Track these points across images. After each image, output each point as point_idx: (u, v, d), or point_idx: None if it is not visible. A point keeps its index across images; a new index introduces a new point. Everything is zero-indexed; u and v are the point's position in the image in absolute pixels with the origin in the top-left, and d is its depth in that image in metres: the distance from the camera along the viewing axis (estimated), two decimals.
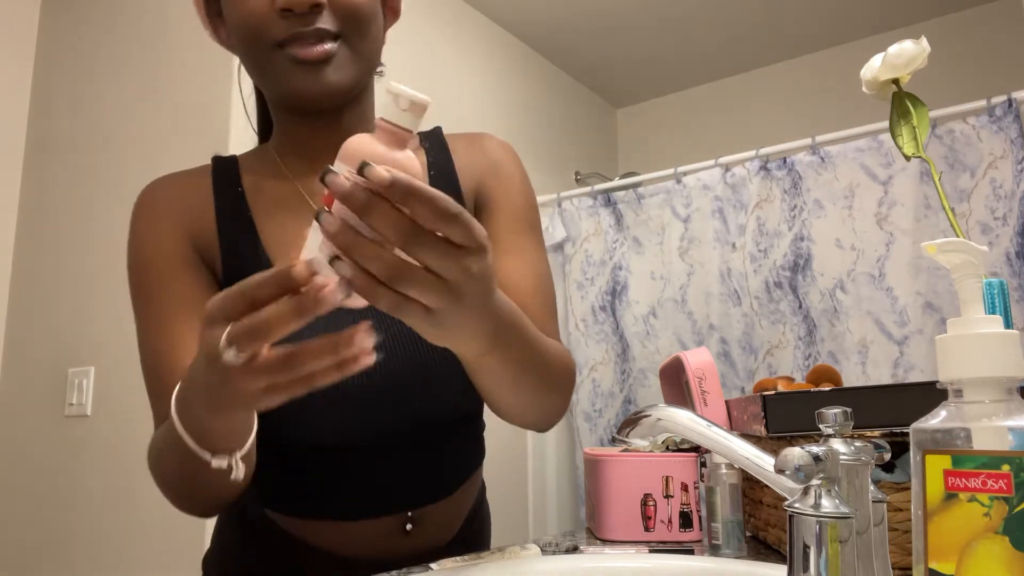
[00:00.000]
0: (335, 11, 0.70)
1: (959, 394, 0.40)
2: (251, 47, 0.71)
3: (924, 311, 1.76)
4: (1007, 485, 0.36)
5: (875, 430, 0.69)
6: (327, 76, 0.70)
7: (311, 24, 0.68)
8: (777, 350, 1.94)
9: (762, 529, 0.89)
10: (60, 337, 1.81)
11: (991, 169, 1.72)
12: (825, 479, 0.42)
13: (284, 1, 0.67)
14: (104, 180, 1.82)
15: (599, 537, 0.99)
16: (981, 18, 2.43)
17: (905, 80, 0.77)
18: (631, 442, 0.58)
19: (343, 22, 0.70)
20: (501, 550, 0.76)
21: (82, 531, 1.67)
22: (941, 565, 0.38)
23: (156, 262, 0.75)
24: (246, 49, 0.72)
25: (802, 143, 1.98)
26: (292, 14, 0.68)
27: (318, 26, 0.68)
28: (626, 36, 2.62)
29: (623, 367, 2.24)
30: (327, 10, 0.70)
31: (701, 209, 2.12)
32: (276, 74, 0.71)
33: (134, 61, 1.84)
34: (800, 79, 2.74)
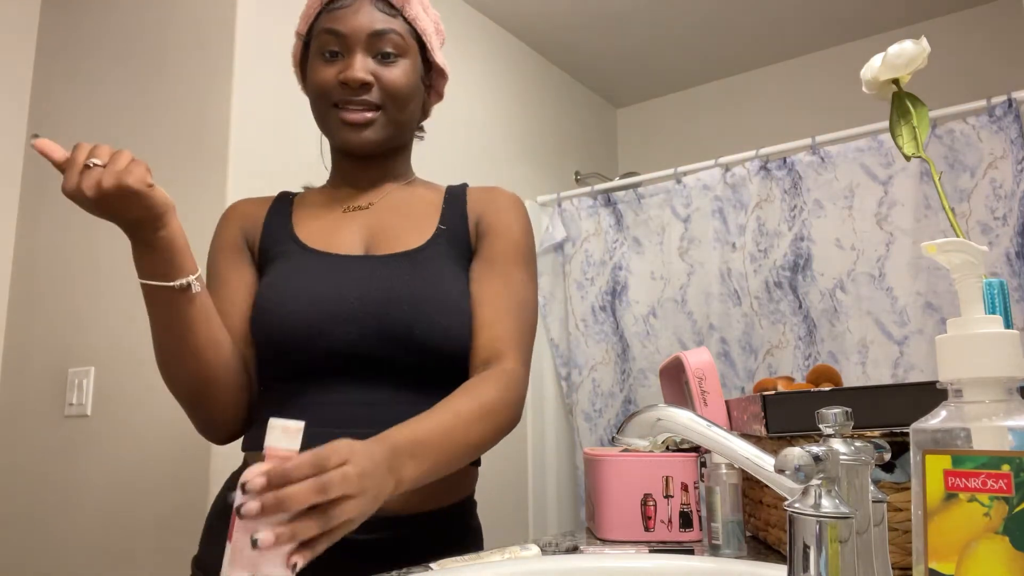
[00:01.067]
0: (381, 88, 0.95)
1: (959, 394, 0.40)
2: (317, 104, 0.97)
3: (924, 311, 1.76)
4: (1007, 485, 0.36)
5: (875, 430, 0.69)
6: (365, 135, 0.95)
7: (359, 95, 0.94)
8: (777, 350, 1.94)
9: (762, 529, 0.89)
10: (60, 337, 1.81)
11: (991, 169, 1.72)
12: (825, 479, 0.42)
13: (343, 77, 0.93)
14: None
15: (599, 537, 0.99)
16: (981, 18, 2.43)
17: (905, 80, 0.77)
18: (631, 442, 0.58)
19: (385, 97, 0.95)
20: (501, 550, 0.76)
21: (82, 531, 1.67)
22: (941, 565, 0.37)
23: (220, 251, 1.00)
24: (314, 103, 0.97)
25: (802, 143, 1.98)
26: (348, 87, 0.93)
27: (364, 98, 0.94)
28: (626, 36, 2.62)
29: (623, 367, 2.23)
30: (376, 88, 0.94)
31: (701, 209, 2.12)
32: (330, 127, 0.96)
33: (134, 61, 1.84)
34: (800, 79, 2.74)
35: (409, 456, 0.71)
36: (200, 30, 1.72)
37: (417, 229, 0.96)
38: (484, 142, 2.34)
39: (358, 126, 0.94)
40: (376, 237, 0.96)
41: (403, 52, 0.96)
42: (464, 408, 0.79)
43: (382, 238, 0.96)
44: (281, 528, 0.56)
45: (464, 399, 0.81)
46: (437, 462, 0.74)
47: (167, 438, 1.56)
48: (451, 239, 0.96)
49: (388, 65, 0.95)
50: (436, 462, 0.74)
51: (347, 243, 0.95)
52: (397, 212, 0.99)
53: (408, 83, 0.96)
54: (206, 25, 1.71)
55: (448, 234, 0.96)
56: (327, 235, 0.96)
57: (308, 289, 0.89)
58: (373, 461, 0.65)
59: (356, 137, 0.94)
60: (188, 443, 1.54)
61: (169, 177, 1.69)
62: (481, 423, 0.80)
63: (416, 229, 0.96)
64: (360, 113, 0.94)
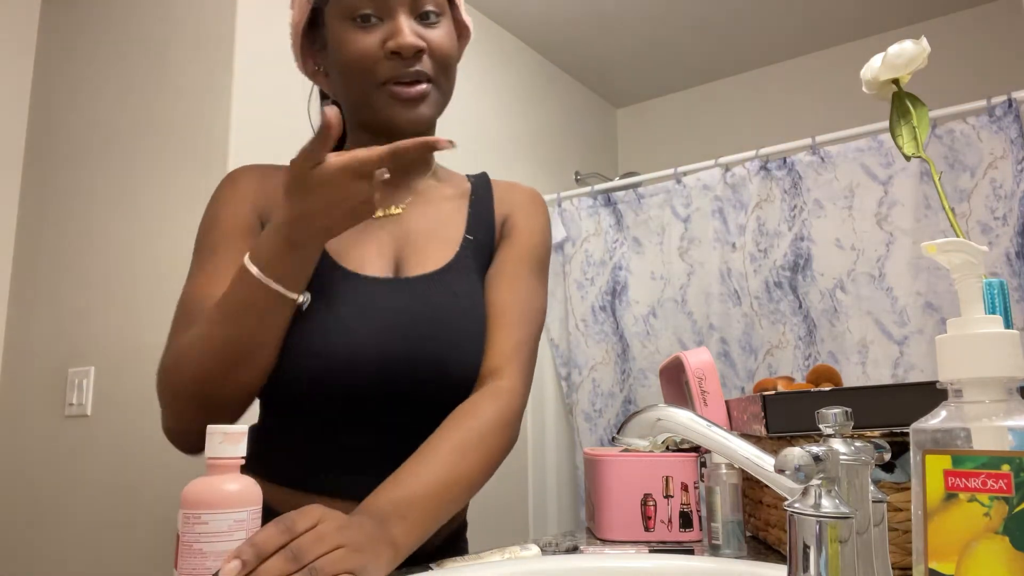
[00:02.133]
0: (431, 57, 0.83)
1: (959, 394, 0.40)
2: (357, 82, 0.83)
3: (924, 311, 1.76)
4: (1007, 485, 0.36)
5: (875, 430, 0.69)
6: (421, 111, 0.83)
7: (412, 67, 0.81)
8: (777, 350, 1.94)
9: (762, 529, 0.89)
10: (60, 337, 1.81)
11: (991, 169, 1.72)
12: (825, 479, 0.42)
13: (395, 45, 0.80)
14: (104, 179, 1.82)
15: (599, 537, 0.99)
16: (981, 18, 2.43)
17: (905, 80, 0.77)
18: (631, 442, 0.58)
19: (436, 68, 0.84)
20: (501, 550, 0.76)
21: (82, 531, 1.67)
22: (941, 565, 0.37)
23: (224, 222, 0.86)
24: (351, 83, 0.84)
25: (802, 143, 1.98)
26: (399, 57, 0.81)
27: (418, 69, 0.82)
28: (626, 36, 2.62)
29: (623, 367, 2.23)
30: (426, 55, 0.83)
31: (701, 209, 2.12)
32: (377, 106, 0.83)
33: (134, 61, 1.84)
34: (800, 79, 2.74)
35: (398, 518, 0.66)
36: (200, 30, 1.72)
37: (445, 240, 0.90)
38: (484, 142, 2.34)
39: (411, 103, 0.82)
40: (405, 251, 0.88)
41: (443, 11, 0.86)
42: (453, 442, 0.75)
43: (411, 252, 0.88)
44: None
45: (451, 432, 0.76)
46: (432, 513, 0.69)
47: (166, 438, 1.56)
48: (477, 250, 0.91)
49: (432, 27, 0.84)
50: (431, 514, 0.69)
51: (377, 260, 0.87)
52: (425, 217, 0.91)
53: (453, 47, 0.87)
54: (206, 25, 1.71)
55: (475, 244, 0.91)
56: (357, 245, 0.87)
57: (339, 328, 0.80)
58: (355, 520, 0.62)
59: (412, 115, 0.83)
60: None
61: (169, 177, 1.69)
62: (475, 452, 0.75)
63: (444, 240, 0.90)
64: (414, 87, 0.82)
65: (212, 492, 0.54)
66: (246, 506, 0.55)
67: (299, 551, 0.55)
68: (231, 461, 0.56)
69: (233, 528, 0.54)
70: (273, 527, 0.56)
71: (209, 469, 0.56)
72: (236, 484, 0.55)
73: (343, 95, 0.87)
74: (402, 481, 0.70)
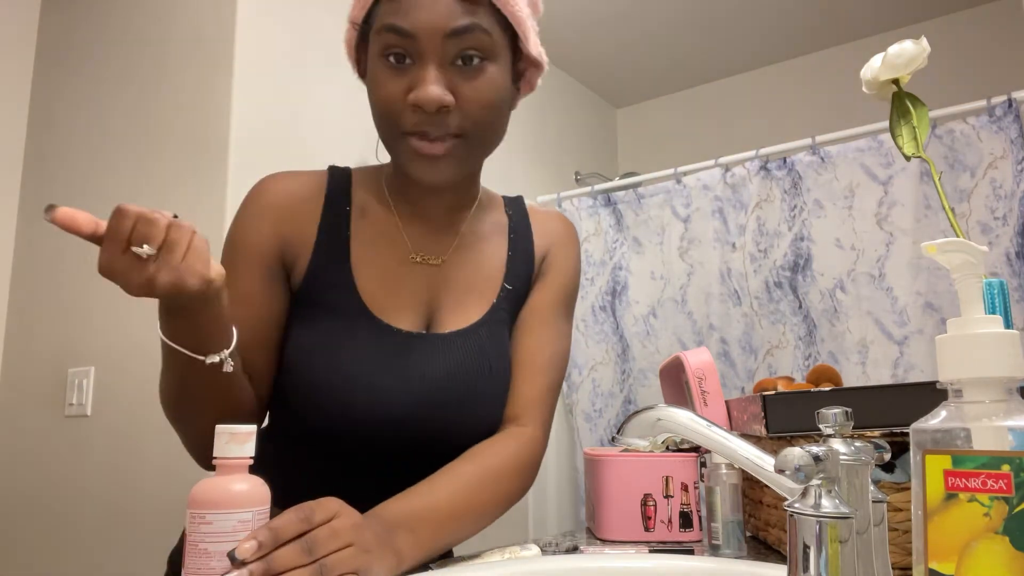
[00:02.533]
0: (463, 111, 0.74)
1: (959, 394, 0.40)
2: (383, 126, 0.77)
3: (924, 311, 1.76)
4: (1007, 485, 0.36)
5: (875, 430, 0.69)
6: (442, 170, 0.76)
7: (435, 123, 0.73)
8: (777, 350, 1.94)
9: (762, 529, 0.89)
10: (60, 337, 1.81)
11: (991, 169, 1.72)
12: (825, 479, 0.42)
13: (415, 99, 0.72)
14: (104, 180, 1.82)
15: (599, 537, 0.99)
16: (981, 18, 2.43)
17: (905, 80, 0.77)
18: (631, 442, 0.58)
19: (469, 123, 0.75)
20: (501, 550, 0.76)
21: (82, 530, 1.67)
22: (941, 565, 0.37)
23: (243, 249, 0.82)
24: (378, 124, 0.78)
25: (802, 143, 1.98)
26: (421, 111, 0.73)
27: (442, 124, 0.74)
28: (626, 36, 2.62)
29: (623, 367, 2.23)
30: (456, 109, 0.74)
31: (701, 209, 2.12)
32: (399, 155, 0.77)
33: (134, 61, 1.84)
34: (800, 79, 2.74)
35: (407, 530, 0.66)
36: (200, 30, 1.72)
37: (482, 291, 0.86)
38: None
39: (433, 159, 0.75)
40: (441, 303, 0.84)
41: (491, 54, 0.75)
42: (470, 474, 0.75)
43: (447, 305, 0.84)
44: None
45: (471, 465, 0.76)
46: (439, 534, 0.70)
47: (167, 438, 1.56)
48: (514, 300, 0.88)
49: (472, 76, 0.74)
50: (438, 534, 0.70)
51: (409, 312, 0.82)
52: (464, 265, 0.87)
53: (498, 98, 0.76)
54: (206, 25, 1.71)
55: (512, 295, 0.88)
56: (391, 293, 0.82)
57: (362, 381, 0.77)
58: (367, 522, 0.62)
59: (431, 173, 0.76)
60: None
61: (169, 177, 1.69)
62: (490, 489, 0.76)
63: (481, 291, 0.86)
64: (438, 143, 0.74)
65: (217, 492, 0.54)
66: (251, 507, 0.55)
67: (314, 544, 0.56)
68: (237, 461, 0.56)
69: (238, 528, 0.54)
70: (293, 514, 0.57)
71: (217, 469, 0.56)
72: (243, 484, 0.55)
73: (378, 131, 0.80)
74: (417, 497, 0.70)
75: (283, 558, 0.54)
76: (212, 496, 0.54)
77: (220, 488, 0.55)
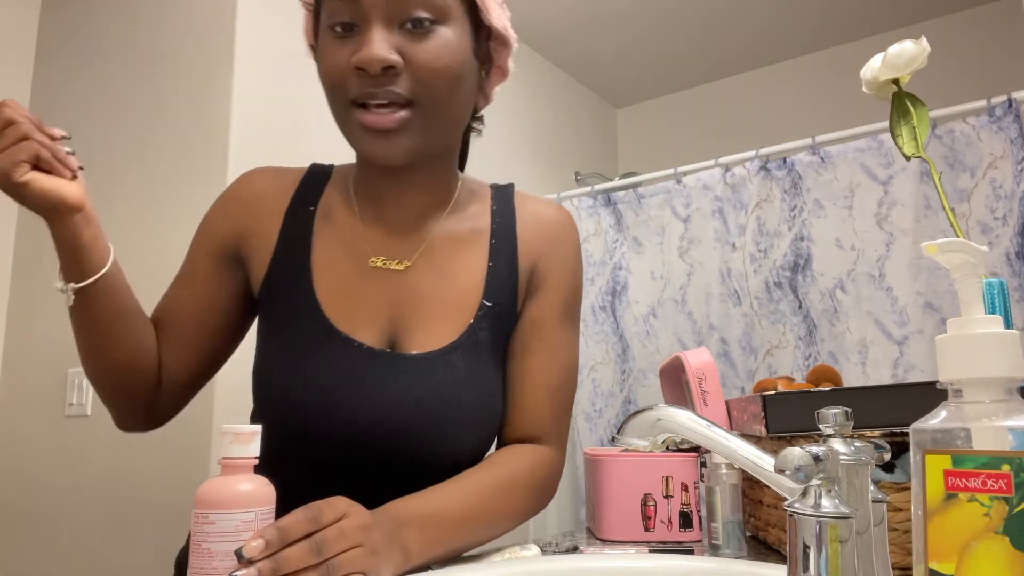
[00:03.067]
0: (413, 74, 0.69)
1: (959, 394, 0.40)
2: (331, 100, 0.73)
3: (924, 311, 1.76)
4: (1007, 485, 0.36)
5: (875, 430, 0.69)
6: (396, 144, 0.71)
7: (383, 86, 0.68)
8: (777, 350, 1.94)
9: (762, 529, 0.89)
10: (60, 337, 1.81)
11: (991, 169, 1.72)
12: (825, 479, 0.42)
13: (357, 59, 0.68)
14: (104, 180, 1.82)
15: (599, 537, 0.99)
16: (981, 18, 2.43)
17: (905, 80, 0.77)
18: (631, 442, 0.58)
19: (420, 87, 0.70)
20: (501, 550, 0.76)
21: (82, 531, 1.67)
22: (941, 565, 0.37)
23: (202, 234, 0.84)
24: (329, 100, 0.74)
25: (802, 143, 1.98)
26: (365, 74, 0.68)
27: (390, 88, 0.69)
28: (626, 36, 2.62)
29: (623, 367, 2.23)
30: (405, 72, 0.69)
31: (701, 209, 2.12)
32: (350, 132, 0.73)
33: (134, 61, 1.84)
34: (800, 79, 2.74)
35: (416, 528, 0.65)
36: (200, 30, 1.72)
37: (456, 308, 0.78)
38: (484, 142, 2.33)
39: (385, 133, 0.70)
40: (406, 320, 0.77)
41: (442, 16, 0.71)
42: (486, 482, 0.73)
43: (413, 323, 0.77)
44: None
45: (488, 473, 0.75)
46: (449, 536, 0.68)
47: (167, 438, 1.56)
48: (495, 318, 0.79)
49: (421, 37, 0.69)
50: (447, 536, 0.68)
51: (370, 326, 0.76)
52: (433, 276, 0.79)
53: (453, 63, 0.71)
54: (206, 25, 1.71)
55: (493, 313, 0.79)
56: (349, 303, 0.77)
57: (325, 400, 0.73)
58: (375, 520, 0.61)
59: (383, 148, 0.71)
60: (188, 443, 1.54)
61: (169, 176, 1.69)
62: (508, 501, 0.74)
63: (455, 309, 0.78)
64: (387, 114, 0.69)
65: (219, 492, 0.54)
66: (254, 506, 0.55)
67: (322, 544, 0.55)
68: (241, 461, 0.56)
69: (240, 528, 0.54)
70: (301, 514, 0.56)
71: (221, 469, 0.56)
72: (247, 484, 0.55)
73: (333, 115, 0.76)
74: (431, 497, 0.69)
75: (291, 558, 0.54)
76: (215, 496, 0.54)
77: (223, 488, 0.55)
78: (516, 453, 0.79)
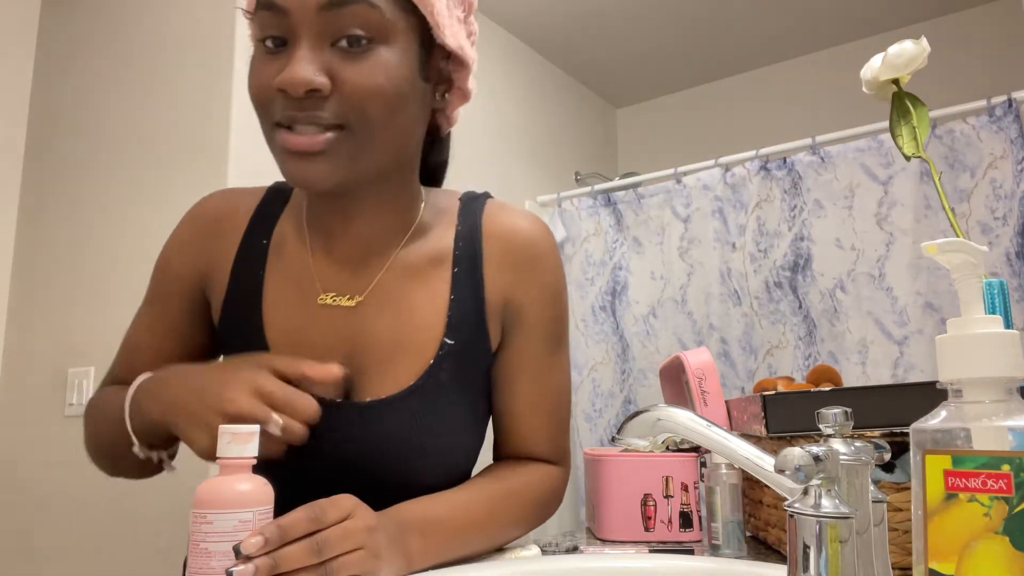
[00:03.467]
0: (343, 97, 0.63)
1: (959, 394, 0.40)
2: (261, 121, 0.68)
3: (924, 311, 1.76)
4: (1007, 485, 0.36)
5: (875, 430, 0.69)
6: (316, 168, 0.64)
7: (306, 110, 0.63)
8: (777, 350, 1.94)
9: (762, 529, 0.89)
10: (60, 337, 1.81)
11: (991, 169, 1.72)
12: (825, 479, 0.42)
13: (279, 81, 0.62)
14: (104, 180, 1.82)
15: (599, 537, 0.99)
16: (981, 18, 2.43)
17: (905, 80, 0.77)
18: (631, 442, 0.58)
19: (351, 111, 0.64)
20: (501, 550, 0.76)
21: (82, 531, 1.67)
22: (941, 565, 0.37)
23: (168, 276, 0.81)
24: (259, 121, 0.68)
25: (802, 143, 1.98)
26: (287, 96, 0.63)
27: (314, 112, 0.63)
28: (626, 36, 2.62)
29: (623, 367, 2.23)
30: (334, 95, 0.63)
31: (701, 209, 2.12)
32: (275, 155, 0.67)
33: (134, 61, 1.84)
34: (800, 79, 2.74)
35: (419, 533, 0.65)
36: (200, 30, 1.72)
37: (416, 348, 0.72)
38: (484, 142, 2.34)
39: (307, 156, 0.64)
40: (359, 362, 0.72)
41: (382, 35, 0.64)
42: (493, 491, 0.74)
43: (367, 365, 0.72)
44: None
45: (495, 482, 0.75)
46: (452, 543, 0.68)
47: None
48: (459, 355, 0.73)
49: (356, 57, 0.64)
50: (450, 543, 0.68)
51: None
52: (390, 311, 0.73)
53: (390, 85, 0.65)
54: (206, 25, 1.71)
55: (456, 350, 0.73)
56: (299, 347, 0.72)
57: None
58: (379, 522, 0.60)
59: (304, 171, 0.64)
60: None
61: (169, 177, 1.70)
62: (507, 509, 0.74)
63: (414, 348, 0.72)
64: (309, 135, 0.63)
65: (217, 492, 0.54)
66: (252, 507, 0.55)
67: (324, 545, 0.54)
68: (240, 461, 0.55)
69: (238, 528, 0.54)
70: (303, 513, 0.55)
71: (220, 470, 0.56)
72: (246, 484, 0.55)
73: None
74: (438, 503, 0.69)
75: (290, 556, 0.53)
76: (212, 496, 0.54)
77: (221, 488, 0.55)
78: (526, 468, 0.79)
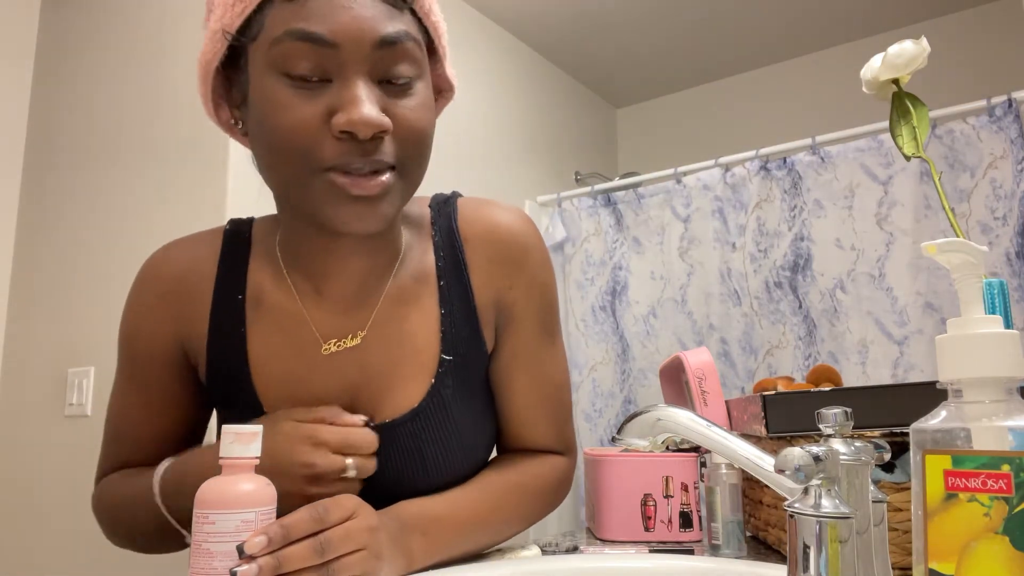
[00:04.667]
0: (397, 138, 0.61)
1: (959, 394, 0.40)
2: (291, 163, 0.60)
3: (924, 311, 1.76)
4: (1007, 485, 0.36)
5: (875, 430, 0.69)
6: (377, 212, 0.61)
7: (370, 154, 0.59)
8: (777, 350, 1.94)
9: (762, 529, 0.89)
10: (60, 337, 1.81)
11: (991, 169, 1.72)
12: (825, 479, 0.42)
13: (346, 122, 0.57)
14: (104, 180, 1.82)
15: (599, 537, 0.99)
16: (981, 18, 2.43)
17: (905, 80, 0.77)
18: (631, 442, 0.58)
19: (403, 151, 0.61)
20: (501, 550, 0.76)
21: (82, 531, 1.67)
22: (941, 565, 0.37)
23: (140, 346, 0.75)
24: (281, 162, 0.61)
25: (802, 143, 1.98)
26: (352, 139, 0.58)
27: (377, 157, 0.59)
28: (626, 36, 2.62)
29: (623, 367, 2.23)
30: (390, 136, 0.60)
31: (701, 209, 2.12)
32: (317, 199, 0.61)
33: (134, 61, 1.84)
34: (800, 79, 2.74)
35: (420, 532, 0.65)
36: (201, 32, 1.72)
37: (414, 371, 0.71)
38: (484, 142, 2.34)
39: (368, 200, 0.60)
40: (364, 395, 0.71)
41: (420, 71, 0.63)
42: (496, 485, 0.73)
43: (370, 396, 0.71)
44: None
45: (498, 476, 0.74)
46: (455, 541, 0.68)
47: None
48: (459, 368, 0.73)
49: (402, 95, 0.61)
50: (453, 541, 0.67)
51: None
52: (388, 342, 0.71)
53: (430, 124, 0.64)
54: None
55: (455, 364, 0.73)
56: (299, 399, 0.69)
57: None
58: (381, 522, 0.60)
59: (363, 217, 0.61)
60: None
61: (169, 177, 1.69)
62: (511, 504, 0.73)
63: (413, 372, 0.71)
64: (373, 179, 0.60)
65: (219, 492, 0.54)
66: (254, 507, 0.55)
67: (327, 545, 0.55)
68: (243, 461, 0.55)
69: (240, 528, 0.54)
70: (306, 512, 0.55)
71: (222, 470, 0.56)
72: (248, 484, 0.55)
73: (268, 172, 0.64)
74: (441, 501, 0.69)
75: (293, 556, 0.53)
76: (215, 496, 0.54)
77: (223, 488, 0.55)
78: (529, 460, 0.79)
